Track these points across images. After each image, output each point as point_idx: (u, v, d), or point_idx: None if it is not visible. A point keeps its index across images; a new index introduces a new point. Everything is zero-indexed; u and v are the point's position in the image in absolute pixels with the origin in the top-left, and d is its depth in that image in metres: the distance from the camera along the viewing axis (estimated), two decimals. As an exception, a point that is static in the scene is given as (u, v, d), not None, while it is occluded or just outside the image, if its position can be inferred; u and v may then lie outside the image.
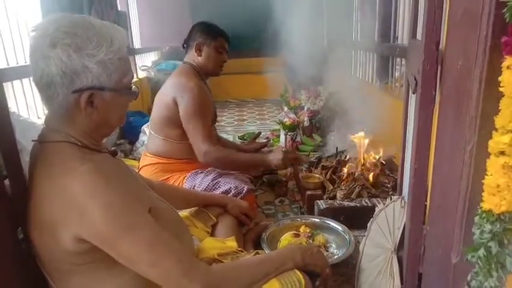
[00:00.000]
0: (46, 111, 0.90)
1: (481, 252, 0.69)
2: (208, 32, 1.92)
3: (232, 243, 1.22)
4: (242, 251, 1.19)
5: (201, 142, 1.78)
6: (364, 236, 1.42)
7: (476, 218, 0.70)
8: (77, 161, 0.81)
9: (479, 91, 0.70)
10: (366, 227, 1.41)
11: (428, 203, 0.98)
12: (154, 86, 4.43)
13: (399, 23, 2.60)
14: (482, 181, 0.68)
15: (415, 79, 1.00)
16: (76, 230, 0.79)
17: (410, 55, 1.22)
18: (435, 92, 0.90)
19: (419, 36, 1.17)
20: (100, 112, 0.86)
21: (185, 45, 1.98)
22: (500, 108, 0.63)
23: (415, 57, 1.07)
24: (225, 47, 1.97)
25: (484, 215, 0.69)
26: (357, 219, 1.70)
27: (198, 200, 1.47)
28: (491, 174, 0.66)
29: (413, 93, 1.00)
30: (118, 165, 0.99)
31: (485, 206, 0.68)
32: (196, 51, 1.91)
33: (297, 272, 1.00)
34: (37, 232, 0.83)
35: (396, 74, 2.74)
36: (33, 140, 0.90)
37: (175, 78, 1.90)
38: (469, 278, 0.73)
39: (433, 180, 0.92)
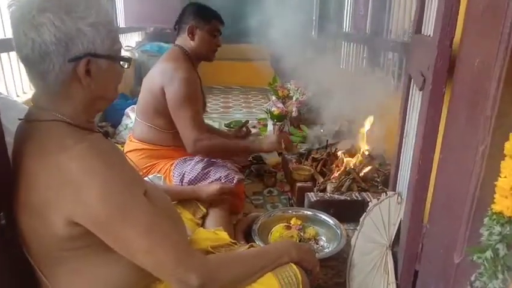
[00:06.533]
0: (35, 89, 0.84)
1: (488, 253, 0.69)
2: (201, 15, 1.81)
3: (224, 235, 1.20)
4: (236, 244, 1.16)
5: (191, 130, 1.69)
6: (353, 229, 1.42)
7: (486, 220, 0.69)
8: (71, 140, 0.77)
9: (497, 91, 0.68)
10: (355, 220, 1.41)
11: (430, 201, 0.97)
12: (137, 68, 4.30)
13: (393, 17, 2.59)
14: (494, 182, 0.67)
15: (422, 75, 0.98)
16: (69, 211, 0.74)
17: (415, 51, 1.20)
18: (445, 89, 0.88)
19: (424, 31, 1.15)
20: (97, 82, 0.80)
21: (176, 27, 1.88)
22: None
23: (422, 53, 1.05)
24: (219, 30, 1.87)
25: (494, 217, 0.68)
26: (346, 212, 1.70)
27: (170, 196, 1.40)
28: (505, 177, 0.65)
29: (420, 89, 0.98)
30: (111, 146, 0.94)
31: (496, 208, 0.67)
32: (188, 35, 1.81)
33: (293, 266, 0.99)
34: (26, 216, 0.78)
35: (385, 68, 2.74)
36: (20, 119, 0.83)
37: (164, 63, 1.80)
38: (472, 278, 0.73)
39: (437, 178, 0.91)
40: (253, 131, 3.32)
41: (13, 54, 2.12)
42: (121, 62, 0.86)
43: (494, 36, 0.68)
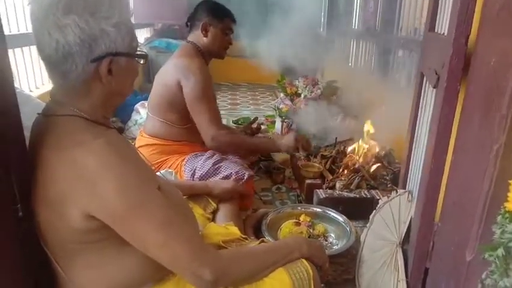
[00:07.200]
0: (53, 85, 0.85)
1: (500, 251, 0.69)
2: (215, 12, 1.84)
3: (235, 230, 1.21)
4: (246, 239, 1.18)
5: (209, 126, 1.74)
6: (362, 227, 1.43)
7: (499, 218, 0.69)
8: (89, 135, 0.78)
9: (514, 90, 0.68)
10: (364, 218, 1.41)
11: (441, 199, 0.97)
12: (146, 64, 4.31)
13: (403, 14, 2.57)
14: (508, 181, 0.67)
15: (436, 73, 0.98)
16: (85, 205, 0.75)
17: (428, 48, 1.20)
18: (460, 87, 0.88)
19: (438, 29, 1.15)
20: (117, 80, 0.81)
21: (189, 23, 1.90)
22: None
23: (436, 51, 1.05)
24: (232, 28, 1.90)
25: (507, 215, 0.68)
26: (355, 210, 1.71)
27: (181, 190, 1.41)
28: (520, 175, 0.65)
29: (434, 87, 0.98)
30: (126, 142, 0.95)
31: (509, 206, 0.67)
32: (202, 32, 1.84)
33: (305, 261, 0.99)
34: (43, 209, 0.79)
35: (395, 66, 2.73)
36: (38, 114, 0.85)
37: (178, 59, 1.83)
38: (483, 276, 0.73)
39: (450, 176, 0.92)
40: (261, 127, 3.33)
41: (26, 50, 2.14)
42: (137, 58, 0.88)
43: (511, 35, 0.68)
